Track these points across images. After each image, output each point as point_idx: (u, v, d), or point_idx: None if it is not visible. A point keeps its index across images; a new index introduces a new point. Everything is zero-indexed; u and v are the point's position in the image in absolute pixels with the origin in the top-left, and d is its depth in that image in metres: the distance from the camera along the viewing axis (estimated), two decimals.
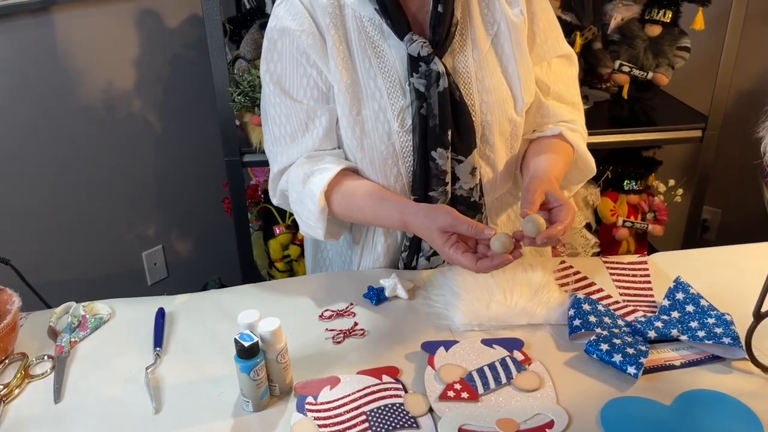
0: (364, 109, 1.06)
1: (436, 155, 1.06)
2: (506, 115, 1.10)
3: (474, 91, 1.08)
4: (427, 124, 1.05)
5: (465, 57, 1.08)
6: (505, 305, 1.01)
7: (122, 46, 2.10)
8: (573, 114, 1.18)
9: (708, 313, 0.97)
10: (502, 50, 1.09)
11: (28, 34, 1.87)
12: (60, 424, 0.86)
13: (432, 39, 1.05)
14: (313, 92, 1.08)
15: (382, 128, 1.06)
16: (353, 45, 1.06)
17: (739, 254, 1.18)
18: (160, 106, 2.23)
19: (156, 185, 2.30)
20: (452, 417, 0.83)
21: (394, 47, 1.06)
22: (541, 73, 1.14)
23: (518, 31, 1.08)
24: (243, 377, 0.84)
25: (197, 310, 1.07)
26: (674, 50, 1.82)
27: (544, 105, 1.15)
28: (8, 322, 0.94)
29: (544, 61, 1.14)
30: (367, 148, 1.07)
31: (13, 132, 1.91)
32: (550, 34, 1.14)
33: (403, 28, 1.04)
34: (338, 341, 0.99)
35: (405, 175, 1.09)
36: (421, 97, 1.04)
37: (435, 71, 1.03)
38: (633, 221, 2.02)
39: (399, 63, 1.06)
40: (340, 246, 1.24)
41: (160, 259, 2.39)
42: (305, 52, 1.06)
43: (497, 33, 1.09)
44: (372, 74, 1.06)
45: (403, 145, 1.07)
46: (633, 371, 0.88)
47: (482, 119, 1.09)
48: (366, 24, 1.06)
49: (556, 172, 1.07)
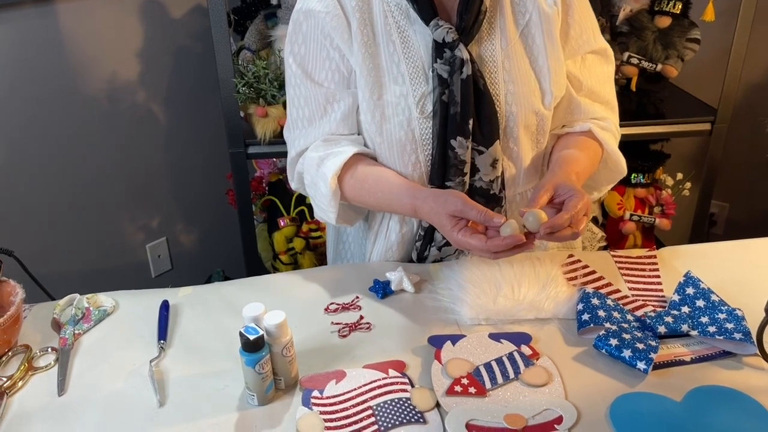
0: (386, 94, 1.06)
1: (456, 144, 1.05)
2: (532, 108, 1.08)
3: (500, 80, 1.06)
4: (448, 112, 1.04)
5: (492, 45, 1.06)
6: (512, 299, 1.00)
7: (126, 37, 2.09)
8: (605, 112, 1.15)
9: (719, 309, 0.96)
10: (532, 41, 1.07)
11: (32, 25, 1.86)
12: (63, 417, 0.85)
13: (458, 25, 1.03)
14: (335, 75, 1.08)
15: (403, 114, 1.06)
16: (378, 29, 1.06)
17: (750, 249, 1.17)
18: (164, 98, 2.22)
19: (160, 177, 2.30)
20: (459, 412, 0.82)
21: (419, 33, 1.05)
22: (574, 68, 1.12)
23: (550, 23, 1.06)
24: (248, 371, 0.83)
25: (201, 303, 1.07)
26: (684, 42, 1.80)
27: (575, 100, 1.13)
28: (12, 314, 0.93)
29: (578, 55, 1.12)
30: (386, 134, 1.07)
31: (16, 123, 1.90)
32: (585, 28, 1.11)
33: (429, 13, 1.03)
34: (344, 335, 0.98)
35: (423, 162, 1.08)
36: (443, 83, 1.03)
37: (459, 58, 1.02)
38: (640, 215, 2.00)
39: (423, 49, 1.05)
40: (358, 234, 1.23)
41: (164, 252, 2.38)
42: (329, 34, 1.05)
43: (528, 23, 1.07)
44: (395, 59, 1.06)
45: (422, 132, 1.06)
46: (643, 367, 0.87)
47: (507, 110, 1.07)
48: (393, 8, 1.06)
49: (578, 168, 1.04)
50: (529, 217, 0.92)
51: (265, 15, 1.91)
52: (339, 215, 1.10)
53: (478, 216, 0.94)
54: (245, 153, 1.76)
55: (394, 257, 1.17)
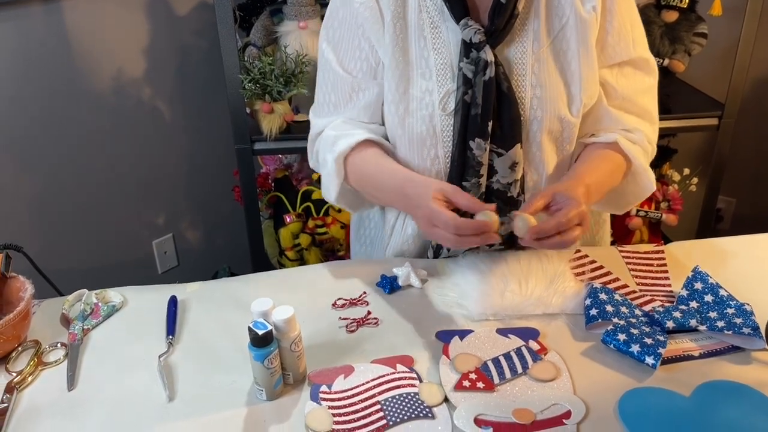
0: (411, 88, 1.06)
1: (474, 145, 1.04)
2: (557, 114, 1.05)
3: (527, 84, 1.05)
4: (469, 112, 1.04)
5: (524, 48, 1.05)
6: (520, 294, 1.00)
7: (132, 34, 2.09)
8: (638, 123, 1.11)
9: (727, 303, 0.96)
10: (567, 46, 1.05)
11: (38, 23, 1.87)
12: (73, 412, 0.86)
13: (489, 27, 1.03)
14: (363, 65, 1.09)
15: (426, 109, 1.06)
16: (411, 23, 1.06)
17: (757, 244, 1.17)
18: (170, 94, 2.22)
19: (166, 174, 2.30)
20: (468, 407, 0.82)
21: (451, 30, 1.05)
22: (609, 76, 1.08)
23: (587, 28, 1.03)
24: (257, 366, 0.83)
25: (209, 298, 1.07)
26: (691, 37, 1.80)
27: (604, 109, 1.09)
28: (21, 310, 0.93)
29: (614, 62, 1.08)
30: (407, 127, 1.07)
31: (23, 120, 1.90)
32: (624, 36, 1.07)
33: (461, 12, 1.03)
34: (351, 330, 0.98)
35: (442, 158, 1.08)
36: (467, 83, 1.03)
37: (483, 59, 1.01)
38: (647, 210, 2.00)
39: (454, 47, 1.05)
40: (379, 222, 1.24)
41: (170, 248, 2.39)
42: (362, 25, 1.06)
43: (564, 27, 1.04)
44: (425, 54, 1.06)
45: (444, 129, 1.06)
46: (651, 362, 0.87)
47: (531, 114, 1.05)
48: (428, 4, 1.06)
49: (590, 180, 1.02)
50: (518, 222, 0.92)
51: (271, 11, 1.91)
52: (340, 195, 1.11)
53: (468, 201, 0.94)
54: (251, 149, 1.77)
55: (410, 251, 1.17)
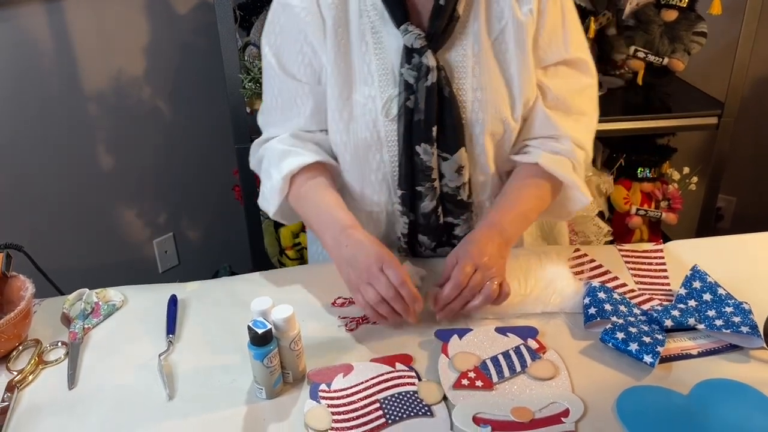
0: (354, 94, 1.06)
1: (421, 150, 1.05)
2: (500, 116, 1.06)
3: (468, 87, 1.05)
4: (412, 117, 1.04)
5: (464, 52, 1.05)
6: (519, 293, 1.01)
7: (132, 34, 2.09)
8: (571, 128, 1.10)
9: (726, 302, 0.96)
10: (506, 48, 1.05)
11: (39, 21, 1.87)
12: (74, 410, 0.86)
13: (429, 32, 1.02)
14: (307, 70, 1.08)
15: (369, 115, 1.05)
16: (353, 28, 1.05)
17: (757, 242, 1.17)
18: (170, 94, 2.23)
19: (166, 173, 2.30)
20: (466, 405, 0.82)
21: (392, 35, 1.04)
22: (543, 77, 1.08)
23: (524, 31, 1.04)
24: (256, 364, 0.84)
25: (209, 298, 1.07)
26: (690, 36, 1.80)
27: (540, 111, 1.09)
28: (22, 309, 0.94)
29: (548, 63, 1.08)
30: (352, 133, 1.07)
31: (24, 119, 1.91)
32: (556, 37, 1.07)
33: (401, 17, 1.02)
34: (351, 328, 0.98)
35: (388, 163, 1.08)
36: (409, 88, 1.03)
37: (425, 65, 1.01)
38: (647, 209, 2.00)
39: (395, 51, 1.04)
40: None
41: (171, 247, 2.39)
42: (303, 30, 1.05)
43: (503, 30, 1.05)
44: (367, 60, 1.05)
45: (387, 134, 1.06)
46: (649, 360, 0.87)
47: (473, 117, 1.05)
48: (369, 8, 1.05)
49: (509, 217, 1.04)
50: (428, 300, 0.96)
51: None
52: (278, 210, 1.11)
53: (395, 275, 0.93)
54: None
55: None
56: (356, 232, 1.01)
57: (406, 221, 1.12)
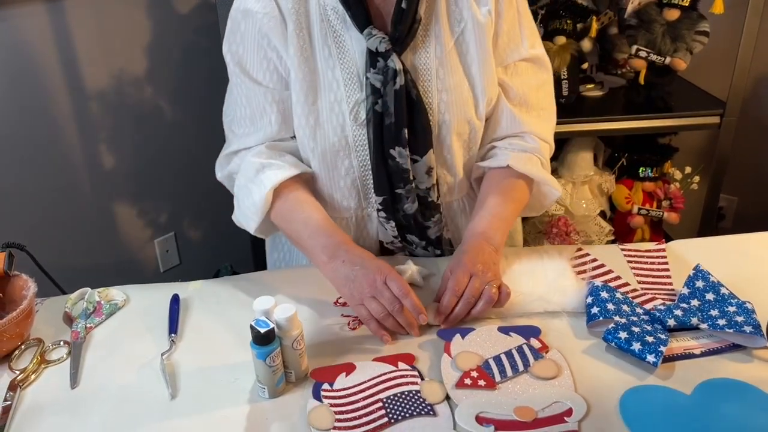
0: (320, 99, 1.05)
1: (396, 153, 1.05)
2: (465, 116, 1.07)
3: (433, 89, 1.06)
4: (382, 121, 1.04)
5: (427, 54, 1.06)
6: (521, 293, 1.00)
7: (134, 33, 2.09)
8: (534, 124, 1.13)
9: (728, 302, 0.96)
10: (467, 49, 1.07)
11: (40, 21, 1.87)
12: (76, 410, 0.86)
13: (392, 35, 1.02)
14: (273, 76, 1.07)
15: (336, 120, 1.05)
16: (315, 33, 1.04)
17: (759, 242, 1.17)
18: (172, 93, 2.23)
19: (168, 172, 2.30)
20: (469, 405, 0.82)
21: (355, 39, 1.04)
22: (505, 76, 1.11)
23: (483, 32, 1.06)
24: (259, 364, 0.84)
25: (211, 297, 1.07)
26: (693, 35, 1.79)
27: (504, 110, 1.12)
28: (24, 308, 0.94)
29: (508, 63, 1.11)
30: (319, 139, 1.06)
31: (26, 119, 1.91)
32: (515, 36, 1.10)
33: (363, 21, 1.02)
34: (353, 328, 0.98)
35: (357, 168, 1.08)
36: (376, 92, 1.03)
37: (392, 68, 1.01)
38: (648, 209, 2.00)
39: (359, 55, 1.04)
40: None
41: (172, 246, 2.39)
42: (266, 35, 1.04)
43: (463, 32, 1.06)
44: (331, 64, 1.05)
45: (356, 139, 1.06)
46: (652, 360, 0.87)
47: (440, 118, 1.07)
48: (329, 13, 1.04)
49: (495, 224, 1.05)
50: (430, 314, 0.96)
51: None
52: (259, 227, 1.10)
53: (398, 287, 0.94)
54: None
55: None
56: (352, 248, 1.01)
57: (393, 225, 1.13)
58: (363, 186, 1.10)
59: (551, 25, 1.89)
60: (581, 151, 1.99)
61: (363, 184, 1.10)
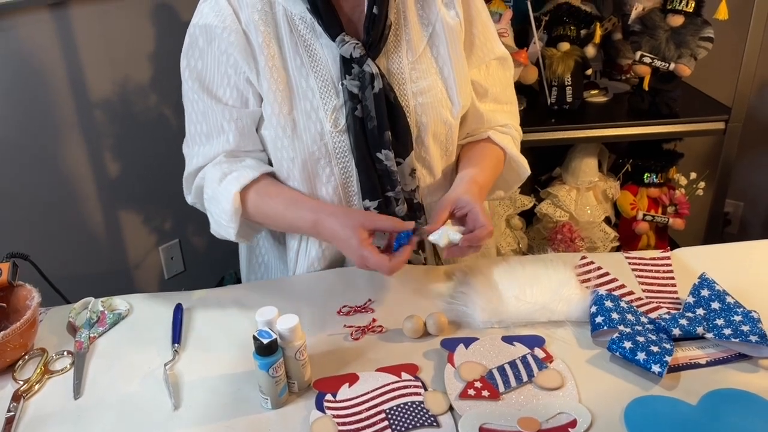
0: (295, 109, 1.04)
1: (383, 157, 1.05)
2: (441, 118, 1.09)
3: (408, 92, 1.07)
4: (364, 126, 1.04)
5: (399, 58, 1.07)
6: (525, 302, 1.00)
7: (138, 41, 2.10)
8: (508, 118, 1.20)
9: (734, 311, 0.95)
10: (437, 52, 1.09)
11: (46, 29, 1.88)
12: (79, 420, 0.86)
13: (365, 41, 1.03)
14: (233, 92, 1.06)
15: (314, 128, 1.04)
16: (284, 43, 1.04)
17: (765, 250, 1.16)
18: (176, 101, 2.21)
19: (172, 180, 2.29)
20: (473, 416, 0.82)
21: (326, 47, 1.04)
22: (479, 76, 1.15)
23: (454, 34, 1.08)
24: (261, 374, 0.84)
25: (215, 306, 1.07)
26: (697, 41, 1.79)
27: (478, 111, 1.16)
28: (28, 318, 0.94)
29: (483, 64, 1.14)
30: (299, 148, 1.05)
31: (30, 127, 1.91)
32: (488, 36, 1.14)
33: (335, 29, 1.01)
34: (357, 338, 0.98)
35: (338, 175, 1.08)
36: (354, 98, 1.03)
37: (369, 73, 1.01)
38: (653, 215, 1.99)
39: (332, 62, 1.04)
40: (271, 250, 1.23)
41: (176, 253, 2.39)
42: (226, 50, 1.03)
43: (432, 34, 1.08)
44: (304, 73, 1.04)
45: (336, 146, 1.05)
46: (657, 370, 0.86)
47: (417, 120, 1.08)
48: (297, 22, 1.04)
49: (481, 179, 1.09)
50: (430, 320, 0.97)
51: None
52: (238, 234, 1.09)
53: (391, 225, 0.96)
54: None
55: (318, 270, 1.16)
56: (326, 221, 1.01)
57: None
58: (345, 192, 1.10)
59: (555, 32, 1.88)
60: (586, 157, 1.99)
61: (345, 191, 1.09)
